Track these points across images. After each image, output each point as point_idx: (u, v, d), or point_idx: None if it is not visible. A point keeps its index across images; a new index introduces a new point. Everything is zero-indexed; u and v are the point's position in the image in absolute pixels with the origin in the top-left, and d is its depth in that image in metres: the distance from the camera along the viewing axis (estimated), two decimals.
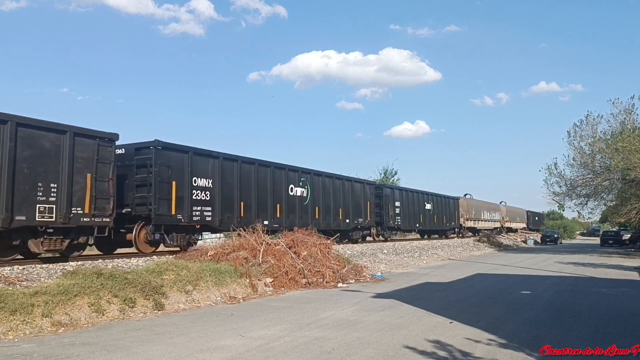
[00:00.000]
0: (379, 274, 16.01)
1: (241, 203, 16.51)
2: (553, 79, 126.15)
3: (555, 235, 52.92)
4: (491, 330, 7.60)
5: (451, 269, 19.34)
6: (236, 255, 12.85)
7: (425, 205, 32.87)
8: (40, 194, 10.57)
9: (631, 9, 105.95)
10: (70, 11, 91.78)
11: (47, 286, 8.50)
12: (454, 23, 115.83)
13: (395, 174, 51.02)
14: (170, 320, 8.60)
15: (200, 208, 14.91)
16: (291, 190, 19.28)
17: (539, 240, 52.02)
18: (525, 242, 47.97)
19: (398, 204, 28.87)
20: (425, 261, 22.82)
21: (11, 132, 10.14)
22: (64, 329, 7.59)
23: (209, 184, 15.32)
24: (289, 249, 13.93)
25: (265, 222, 16.78)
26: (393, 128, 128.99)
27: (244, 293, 11.44)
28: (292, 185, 19.38)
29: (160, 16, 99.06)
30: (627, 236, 44.54)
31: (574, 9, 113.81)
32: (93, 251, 22.24)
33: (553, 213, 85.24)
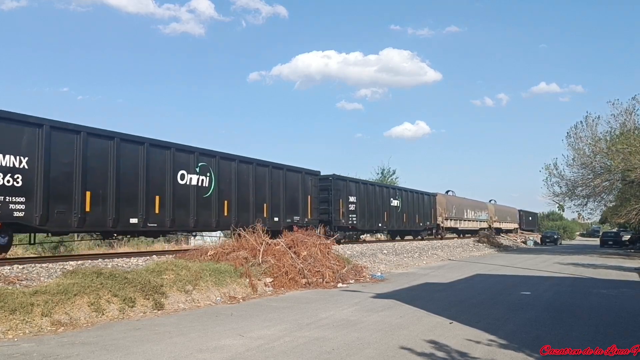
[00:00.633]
0: (379, 274, 16.02)
1: (86, 193, 12.16)
2: (553, 80, 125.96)
3: (555, 236, 52.99)
4: (491, 331, 7.60)
5: (451, 270, 19.36)
6: (236, 255, 12.86)
7: (392, 201, 27.83)
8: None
9: (631, 9, 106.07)
10: (71, 10, 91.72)
11: (47, 285, 8.49)
12: (454, 23, 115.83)
13: (394, 173, 48.88)
14: (170, 320, 8.59)
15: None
16: (182, 179, 14.95)
17: (539, 241, 52.08)
18: (525, 243, 48.05)
19: (353, 199, 23.89)
20: (425, 261, 22.85)
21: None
22: (63, 328, 7.58)
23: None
24: (289, 248, 13.94)
25: (133, 221, 13.27)
26: (393, 128, 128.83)
27: (243, 293, 11.44)
28: (184, 172, 15.04)
29: (160, 16, 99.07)
30: (627, 237, 44.64)
31: (574, 9, 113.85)
32: (93, 251, 22.35)
33: (553, 214, 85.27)
